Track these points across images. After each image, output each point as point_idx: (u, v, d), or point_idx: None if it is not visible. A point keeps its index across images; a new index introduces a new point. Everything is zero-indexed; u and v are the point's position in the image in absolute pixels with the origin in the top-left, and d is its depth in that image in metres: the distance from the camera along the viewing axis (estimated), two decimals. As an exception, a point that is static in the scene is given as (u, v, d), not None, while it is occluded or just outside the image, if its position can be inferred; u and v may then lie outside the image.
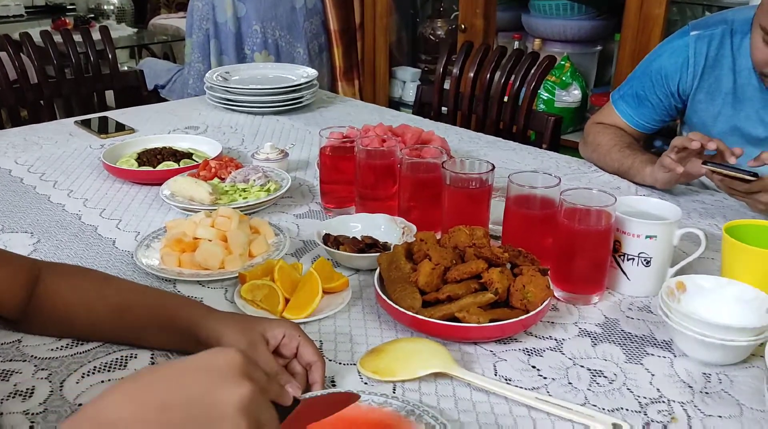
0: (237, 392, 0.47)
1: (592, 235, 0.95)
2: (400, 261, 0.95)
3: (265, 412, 0.49)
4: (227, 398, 0.46)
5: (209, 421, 0.45)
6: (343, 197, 1.28)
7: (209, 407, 0.46)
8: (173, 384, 0.47)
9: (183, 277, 1.01)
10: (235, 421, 0.46)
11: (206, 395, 0.46)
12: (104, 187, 1.37)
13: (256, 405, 0.48)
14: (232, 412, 0.46)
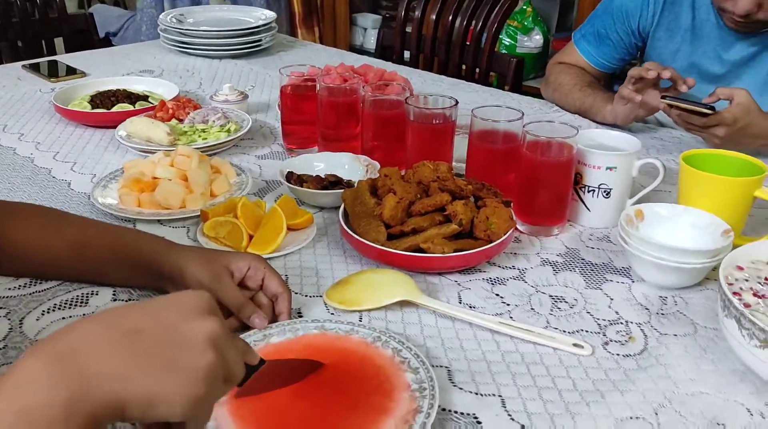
0: (206, 324, 0.47)
1: (554, 167, 0.96)
2: (365, 196, 0.95)
3: (232, 351, 0.49)
4: (197, 328, 0.46)
5: (178, 347, 0.45)
6: (305, 138, 1.27)
7: (179, 335, 0.46)
8: (144, 314, 0.47)
9: (143, 216, 0.99)
10: (204, 350, 0.46)
11: (176, 325, 0.46)
12: (57, 131, 1.33)
13: (223, 341, 0.47)
14: (201, 341, 0.46)
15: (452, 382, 0.70)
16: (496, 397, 0.68)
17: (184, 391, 0.44)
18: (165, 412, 0.43)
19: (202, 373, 0.45)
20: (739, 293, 0.70)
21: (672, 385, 0.70)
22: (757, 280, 0.73)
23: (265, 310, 0.76)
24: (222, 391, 0.49)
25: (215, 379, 0.46)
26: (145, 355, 0.44)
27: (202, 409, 0.46)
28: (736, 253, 0.76)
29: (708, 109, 1.13)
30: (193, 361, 0.45)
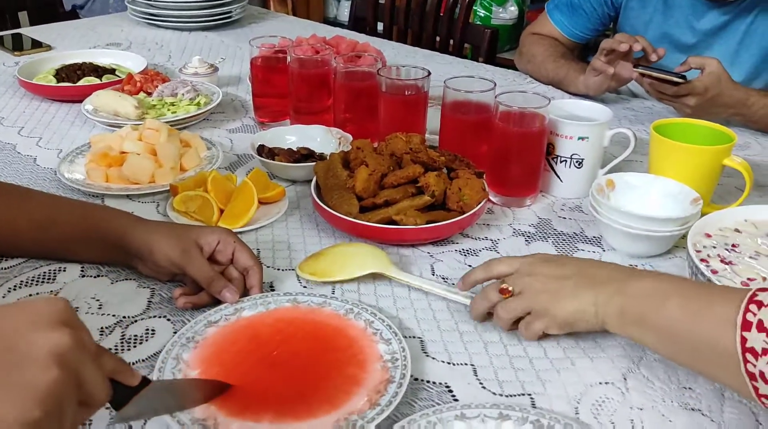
0: (52, 336, 0.41)
1: (527, 138, 0.95)
2: (337, 168, 0.94)
3: (89, 368, 0.43)
4: (39, 341, 0.40)
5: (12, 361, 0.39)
6: (277, 111, 1.25)
7: (16, 346, 0.40)
8: None
9: (111, 191, 0.97)
10: (45, 366, 0.40)
11: (15, 334, 0.40)
12: (21, 105, 1.30)
13: (74, 356, 0.42)
14: (42, 356, 0.40)
15: (425, 353, 0.70)
16: (468, 366, 0.68)
17: (13, 412, 0.38)
18: None
19: (39, 393, 0.39)
20: (706, 260, 0.71)
21: (640, 350, 0.71)
22: (724, 247, 0.74)
23: (236, 284, 0.76)
24: (79, 415, 0.43)
25: (59, 400, 0.40)
26: None
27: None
28: (705, 220, 0.77)
29: (679, 78, 1.13)
30: (28, 379, 0.39)
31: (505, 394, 0.65)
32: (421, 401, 0.64)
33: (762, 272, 0.69)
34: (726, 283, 0.66)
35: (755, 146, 1.21)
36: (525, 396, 0.65)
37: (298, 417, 0.60)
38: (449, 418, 0.59)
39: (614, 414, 0.63)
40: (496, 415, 0.60)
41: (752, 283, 0.68)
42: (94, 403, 0.44)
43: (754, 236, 0.76)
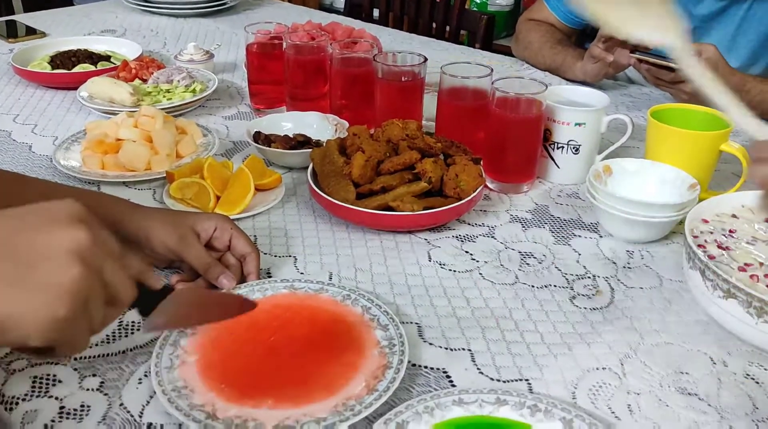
0: (69, 233, 0.40)
1: (524, 124, 0.95)
2: (333, 155, 0.94)
3: (111, 267, 0.42)
4: (58, 239, 0.40)
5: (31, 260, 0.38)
6: (273, 98, 1.25)
7: (33, 246, 0.39)
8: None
9: (107, 178, 0.97)
10: (66, 264, 0.39)
11: (32, 235, 0.39)
12: (16, 92, 1.29)
13: (95, 254, 0.41)
14: (62, 254, 0.39)
15: (422, 338, 0.70)
16: (465, 351, 0.69)
17: (40, 311, 0.38)
18: (18, 336, 0.38)
19: (62, 290, 0.39)
20: (704, 245, 0.71)
21: (637, 336, 0.71)
22: (721, 233, 0.74)
23: (233, 271, 0.76)
24: (105, 314, 0.43)
25: (85, 298, 0.40)
26: None
27: (70, 333, 0.40)
28: (702, 206, 0.77)
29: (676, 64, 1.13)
30: (50, 277, 0.39)
31: (502, 380, 0.65)
32: (418, 387, 0.64)
33: (759, 257, 0.69)
34: (723, 270, 0.66)
35: (752, 132, 1.21)
36: (522, 381, 0.65)
37: (296, 402, 0.60)
38: (447, 404, 0.60)
39: (611, 399, 0.63)
40: (494, 400, 0.60)
41: (749, 269, 0.68)
42: (119, 302, 0.44)
43: (751, 222, 0.76)
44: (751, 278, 0.66)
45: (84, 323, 0.41)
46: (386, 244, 0.86)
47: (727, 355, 0.69)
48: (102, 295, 0.41)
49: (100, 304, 0.42)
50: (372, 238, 0.87)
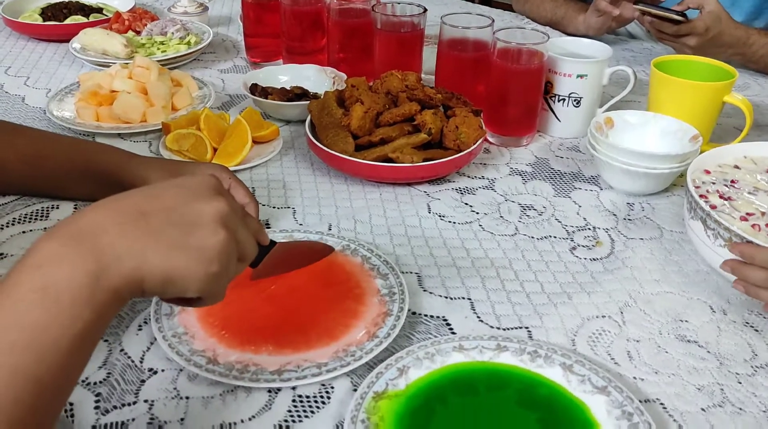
0: (213, 204, 0.47)
1: (525, 75, 0.94)
2: (332, 107, 0.92)
3: (243, 230, 0.50)
4: (205, 209, 0.46)
5: (188, 227, 0.45)
6: (269, 51, 1.23)
7: (187, 215, 0.46)
8: (148, 198, 0.46)
9: (102, 130, 0.96)
10: (214, 229, 0.46)
11: (183, 205, 0.46)
12: (7, 45, 1.26)
13: (233, 220, 0.48)
14: (210, 221, 0.46)
15: (422, 287, 0.70)
16: (465, 300, 0.69)
17: (198, 268, 0.45)
18: (182, 288, 0.45)
19: (214, 252, 0.45)
20: (705, 196, 0.71)
21: (637, 285, 0.71)
22: (723, 183, 0.73)
23: (232, 221, 0.75)
24: (237, 269, 0.50)
25: (228, 257, 0.47)
26: (155, 235, 0.44)
27: (217, 286, 0.47)
28: (704, 157, 0.76)
29: (680, 16, 1.11)
30: (204, 240, 0.45)
31: (502, 328, 0.65)
32: (419, 334, 0.64)
33: (761, 207, 0.69)
34: (725, 219, 0.66)
35: (754, 87, 1.20)
36: (522, 329, 0.65)
37: (296, 348, 0.60)
38: (447, 350, 0.60)
39: (611, 345, 0.63)
40: (494, 346, 0.60)
41: (751, 219, 0.68)
42: (246, 258, 0.51)
43: (753, 172, 0.75)
44: (753, 227, 0.66)
45: (226, 277, 0.48)
46: (385, 196, 0.85)
47: (727, 303, 0.69)
48: (236, 252, 0.49)
49: (236, 260, 0.49)
50: (371, 190, 0.87)
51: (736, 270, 0.63)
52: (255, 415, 0.55)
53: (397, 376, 0.57)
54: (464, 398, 0.55)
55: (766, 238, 0.65)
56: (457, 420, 0.54)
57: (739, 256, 0.62)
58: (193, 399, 0.56)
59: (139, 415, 0.55)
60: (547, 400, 0.56)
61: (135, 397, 0.56)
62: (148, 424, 0.54)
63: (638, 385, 0.59)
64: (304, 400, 0.57)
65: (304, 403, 0.56)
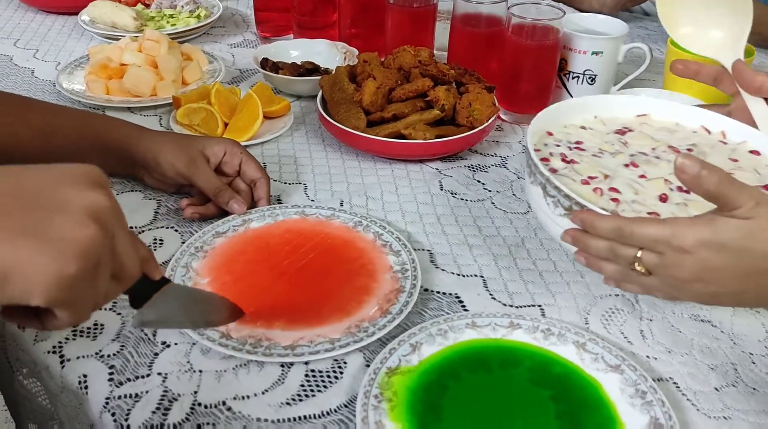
0: (90, 195, 0.39)
1: (539, 51, 0.93)
2: (344, 82, 0.91)
3: (124, 240, 0.41)
4: (77, 197, 0.39)
5: (48, 212, 0.37)
6: (280, 26, 1.21)
7: (50, 200, 0.38)
8: (13, 175, 0.39)
9: (112, 104, 0.95)
10: (82, 221, 0.38)
11: (48, 189, 0.38)
12: (16, 17, 1.26)
13: (111, 220, 0.40)
14: (79, 212, 0.38)
15: (434, 264, 0.70)
16: (477, 277, 0.68)
17: (49, 264, 0.36)
18: (21, 289, 0.36)
19: (76, 248, 0.37)
20: (547, 159, 0.65)
21: (651, 265, 0.70)
22: (567, 145, 0.68)
23: (243, 196, 0.75)
24: (109, 288, 0.41)
25: (95, 260, 0.38)
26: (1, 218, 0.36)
27: (73, 296, 0.38)
28: (545, 117, 0.68)
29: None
30: (65, 231, 0.37)
31: (515, 305, 0.65)
32: (431, 311, 0.64)
33: (604, 170, 0.64)
34: (566, 182, 0.60)
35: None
36: (535, 307, 0.65)
37: (309, 324, 0.60)
38: (460, 326, 0.60)
39: (624, 324, 0.63)
40: (507, 323, 0.60)
41: (593, 182, 0.62)
42: (125, 278, 0.43)
43: (602, 133, 0.70)
44: (595, 191, 0.61)
45: (89, 290, 0.39)
46: (397, 172, 0.85)
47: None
48: (110, 265, 0.40)
49: (107, 275, 0.40)
50: (382, 166, 0.86)
51: (577, 240, 0.55)
52: (268, 389, 0.55)
53: (410, 352, 0.57)
54: (477, 375, 0.56)
55: (607, 202, 0.60)
56: (470, 396, 0.54)
57: (580, 225, 0.54)
58: (206, 372, 0.57)
59: (152, 387, 0.55)
60: (560, 378, 0.56)
61: (148, 369, 0.57)
62: (162, 397, 0.54)
63: (651, 363, 0.59)
64: (317, 375, 0.57)
65: (317, 378, 0.57)
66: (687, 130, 0.72)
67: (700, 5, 0.73)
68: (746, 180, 0.60)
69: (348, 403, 0.55)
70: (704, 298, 0.53)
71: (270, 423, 0.53)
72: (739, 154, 0.68)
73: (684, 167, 0.49)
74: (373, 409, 0.51)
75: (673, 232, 0.49)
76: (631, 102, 0.73)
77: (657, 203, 0.60)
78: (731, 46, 0.72)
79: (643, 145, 0.68)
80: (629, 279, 0.54)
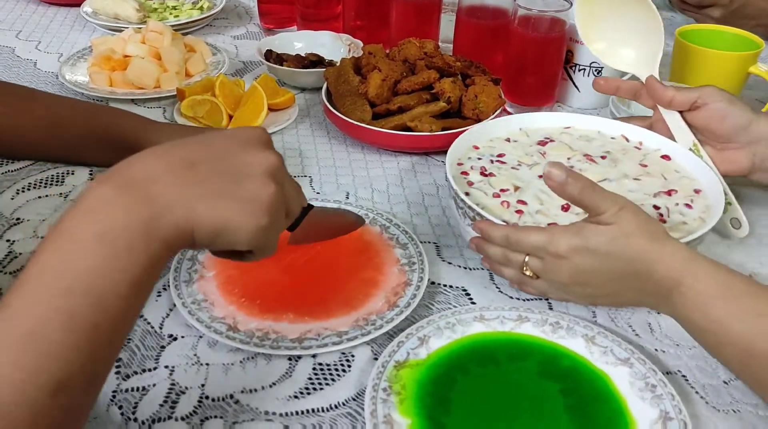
0: (266, 157, 0.46)
1: (546, 44, 0.92)
2: (349, 74, 0.91)
3: (290, 185, 0.49)
4: (257, 161, 0.45)
5: (240, 177, 0.44)
6: (283, 18, 1.21)
7: (238, 165, 0.45)
8: (199, 147, 0.45)
9: (116, 95, 0.95)
10: (265, 182, 0.45)
11: (234, 156, 0.45)
12: (18, 9, 1.25)
13: (282, 174, 0.47)
14: (261, 173, 0.45)
15: (441, 257, 0.70)
16: (484, 270, 0.68)
17: (249, 220, 0.44)
18: (232, 239, 0.44)
19: (265, 205, 0.44)
20: (467, 172, 0.69)
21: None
22: (489, 158, 0.71)
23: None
24: (284, 224, 0.49)
25: (278, 210, 0.46)
26: (207, 184, 0.43)
27: (267, 239, 0.46)
28: (473, 132, 0.73)
29: (704, -14, 1.09)
30: (256, 192, 0.44)
31: (522, 298, 0.65)
32: (438, 304, 0.64)
33: (517, 182, 0.67)
34: (478, 196, 0.65)
35: (777, 59, 1.17)
36: (542, 300, 0.65)
37: (316, 317, 0.60)
38: (468, 320, 0.59)
39: (631, 318, 0.63)
40: (515, 317, 0.60)
41: (503, 195, 0.65)
42: (292, 214, 0.50)
43: (524, 145, 0.73)
44: (502, 204, 0.64)
45: (276, 231, 0.47)
46: (402, 165, 0.85)
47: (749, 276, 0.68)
48: (284, 209, 0.47)
49: (284, 216, 0.48)
50: (388, 159, 0.86)
51: (480, 248, 0.61)
52: (276, 382, 0.55)
53: (418, 346, 0.57)
54: (486, 368, 0.55)
55: (511, 214, 0.63)
56: (479, 389, 0.53)
57: (480, 234, 0.61)
58: (214, 365, 0.56)
59: (159, 380, 0.55)
60: (569, 371, 0.55)
61: (155, 362, 0.56)
62: (169, 390, 0.54)
63: (659, 357, 0.59)
64: (325, 368, 0.57)
65: (324, 371, 0.56)
66: (606, 137, 0.76)
67: (613, 24, 0.78)
68: (650, 185, 0.68)
69: (356, 396, 0.54)
70: (586, 300, 0.59)
71: (278, 416, 0.53)
72: (650, 160, 0.72)
73: (551, 175, 0.55)
74: (381, 403, 0.51)
75: (549, 239, 0.55)
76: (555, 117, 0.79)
77: (559, 213, 0.64)
78: (646, 62, 0.77)
79: (560, 155, 0.73)
80: (524, 282, 0.59)
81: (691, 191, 0.67)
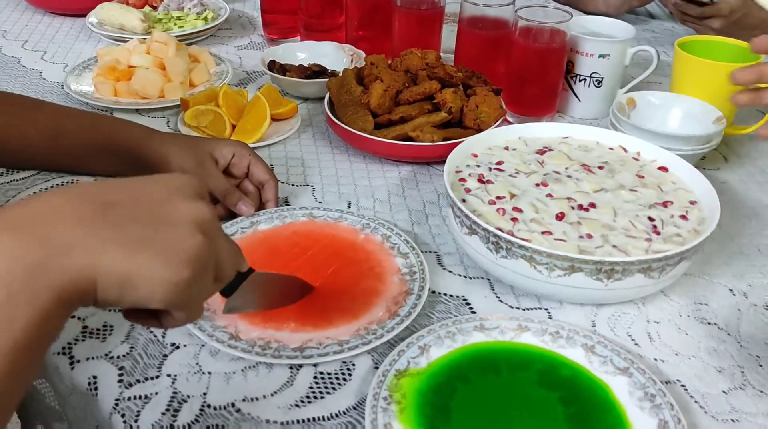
0: (196, 207, 0.41)
1: (546, 54, 0.93)
2: (351, 84, 0.92)
3: (223, 244, 0.44)
4: (183, 209, 0.41)
5: (161, 224, 0.39)
6: (287, 28, 1.22)
7: (160, 212, 0.40)
8: (120, 188, 0.40)
9: (120, 105, 0.95)
10: (191, 231, 0.40)
11: (159, 202, 0.40)
12: (24, 19, 1.26)
13: (213, 229, 0.42)
14: (188, 222, 0.40)
15: (441, 266, 0.70)
16: (484, 280, 0.68)
17: (166, 272, 0.38)
18: (143, 294, 0.38)
19: (187, 256, 0.39)
20: (465, 179, 0.70)
21: (658, 268, 0.70)
22: (488, 166, 0.72)
23: (251, 198, 0.75)
24: (211, 289, 0.44)
25: (204, 265, 0.40)
26: (119, 229, 0.37)
27: (187, 298, 0.40)
28: (472, 141, 0.75)
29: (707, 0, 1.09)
30: (176, 241, 0.39)
31: (522, 308, 0.65)
32: (439, 313, 0.64)
33: (513, 190, 0.68)
34: (474, 203, 0.66)
35: (777, 69, 1.18)
36: (542, 310, 0.65)
37: (318, 326, 0.60)
38: (468, 329, 0.60)
39: (631, 327, 0.63)
40: (515, 326, 0.60)
41: (499, 202, 0.67)
42: (223, 278, 0.45)
43: (523, 154, 0.74)
44: (498, 211, 0.66)
45: (199, 291, 0.42)
46: (404, 174, 0.85)
47: (748, 286, 0.68)
48: (213, 268, 0.42)
49: (212, 276, 0.43)
50: (390, 168, 0.86)
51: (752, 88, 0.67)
52: (277, 391, 0.56)
53: (418, 355, 0.57)
54: (486, 377, 0.56)
55: (507, 221, 0.65)
56: (479, 398, 0.54)
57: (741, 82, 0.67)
58: (215, 374, 0.57)
59: (162, 389, 0.55)
60: (568, 380, 0.56)
61: (158, 371, 0.57)
62: (171, 398, 0.55)
63: (659, 366, 0.59)
64: (326, 377, 0.57)
65: (325, 380, 0.57)
66: (604, 147, 0.77)
67: None
68: (646, 196, 0.70)
69: (357, 405, 0.55)
70: None
71: (279, 425, 0.53)
72: (647, 171, 0.73)
73: None
74: (382, 411, 0.52)
75: None
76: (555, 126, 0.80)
77: (553, 222, 0.65)
78: None
79: (559, 164, 0.74)
80: None
81: (686, 203, 0.68)
